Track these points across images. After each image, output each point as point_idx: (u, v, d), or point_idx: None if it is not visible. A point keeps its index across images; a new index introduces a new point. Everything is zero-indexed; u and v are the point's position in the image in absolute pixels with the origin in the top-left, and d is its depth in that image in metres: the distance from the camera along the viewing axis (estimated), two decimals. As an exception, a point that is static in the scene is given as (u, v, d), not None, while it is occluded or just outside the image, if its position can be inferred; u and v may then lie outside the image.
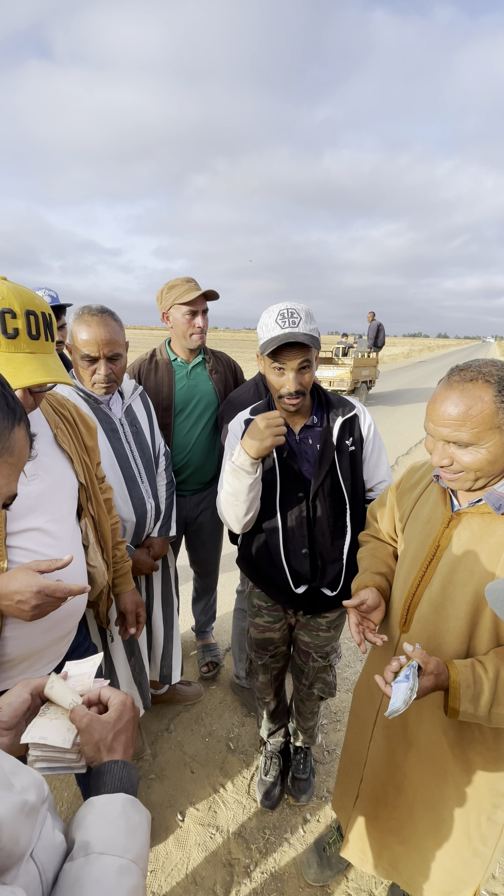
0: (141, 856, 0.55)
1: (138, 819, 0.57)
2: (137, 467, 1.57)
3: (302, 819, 1.70)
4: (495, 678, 0.89)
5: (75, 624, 1.12)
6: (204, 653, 2.41)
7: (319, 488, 1.38)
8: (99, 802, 0.57)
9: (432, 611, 1.02)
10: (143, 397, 1.69)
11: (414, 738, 1.12)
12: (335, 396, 1.47)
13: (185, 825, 1.66)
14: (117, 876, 0.50)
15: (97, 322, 1.37)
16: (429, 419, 0.94)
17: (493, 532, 0.95)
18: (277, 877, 1.51)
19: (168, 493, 1.76)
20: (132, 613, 1.43)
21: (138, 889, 0.52)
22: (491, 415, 0.86)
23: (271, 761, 1.81)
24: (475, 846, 1.10)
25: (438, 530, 1.04)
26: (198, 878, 1.51)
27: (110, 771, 0.60)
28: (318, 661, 1.59)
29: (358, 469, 1.42)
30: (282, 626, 1.60)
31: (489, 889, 1.49)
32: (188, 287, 1.81)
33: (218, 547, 2.31)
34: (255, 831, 1.65)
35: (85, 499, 1.16)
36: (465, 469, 0.91)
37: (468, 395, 0.87)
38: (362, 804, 1.29)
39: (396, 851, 1.23)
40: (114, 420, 1.52)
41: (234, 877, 1.51)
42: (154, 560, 1.69)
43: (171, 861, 1.55)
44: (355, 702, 1.31)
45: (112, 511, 1.38)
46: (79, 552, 1.12)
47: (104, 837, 0.53)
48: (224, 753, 1.94)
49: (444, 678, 0.91)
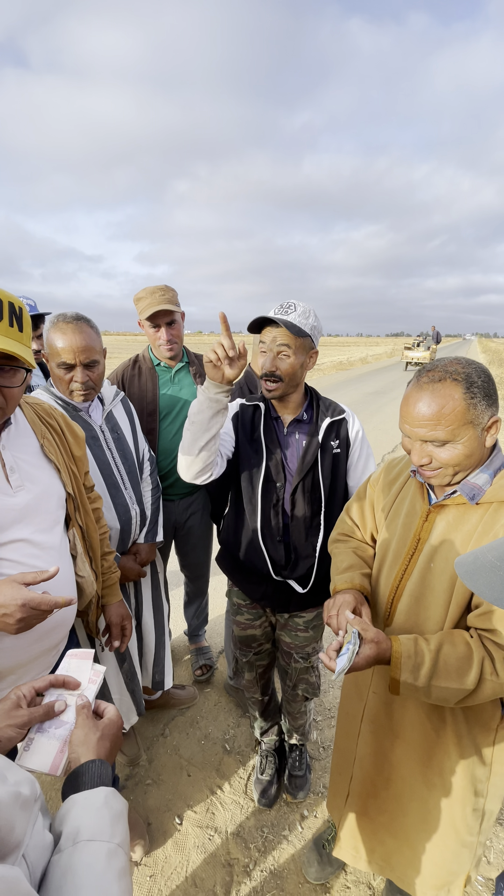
0: (125, 840, 0.57)
1: (120, 807, 0.60)
2: (120, 474, 1.57)
3: (300, 816, 1.72)
4: (436, 651, 0.93)
5: (65, 635, 1.12)
6: (197, 656, 2.41)
7: (300, 483, 1.42)
8: (81, 797, 0.59)
9: (413, 602, 1.05)
10: (124, 403, 1.69)
11: (399, 728, 1.15)
12: (327, 400, 1.51)
13: (183, 828, 1.66)
14: (107, 859, 0.52)
15: (72, 329, 1.37)
16: (403, 421, 0.97)
17: (467, 521, 0.99)
18: (277, 874, 1.53)
19: (154, 498, 1.76)
20: (117, 626, 1.43)
21: (126, 871, 0.54)
22: (462, 411, 0.89)
23: (267, 760, 1.83)
24: (462, 837, 1.13)
25: (418, 524, 1.07)
26: (197, 879, 1.51)
27: (88, 770, 0.63)
28: (300, 662, 1.61)
29: (339, 471, 1.46)
30: (262, 624, 1.63)
31: (484, 874, 1.52)
32: (149, 301, 1.82)
33: (208, 550, 2.32)
34: (253, 830, 1.66)
35: (73, 509, 1.16)
36: (444, 465, 0.94)
37: (439, 395, 0.90)
38: (353, 801, 1.30)
39: (389, 846, 1.25)
40: (94, 427, 1.52)
41: (234, 877, 1.52)
42: (141, 566, 1.69)
43: (171, 864, 1.55)
44: (343, 700, 1.33)
45: (100, 521, 1.39)
46: (67, 562, 1.12)
47: (90, 826, 0.55)
48: (220, 755, 1.95)
49: (385, 647, 0.94)
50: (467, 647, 0.93)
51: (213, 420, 1.26)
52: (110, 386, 1.66)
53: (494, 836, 1.63)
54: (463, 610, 0.99)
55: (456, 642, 0.94)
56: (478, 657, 0.91)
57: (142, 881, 1.50)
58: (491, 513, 0.95)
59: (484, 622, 0.94)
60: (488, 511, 0.96)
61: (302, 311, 1.33)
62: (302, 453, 1.43)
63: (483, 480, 0.96)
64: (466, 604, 0.98)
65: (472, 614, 0.97)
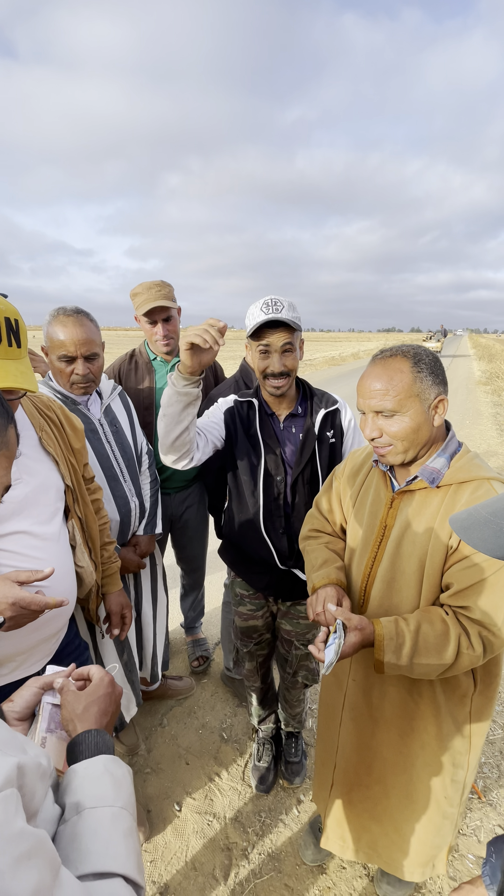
0: (129, 802, 0.59)
1: (121, 772, 0.61)
2: (119, 467, 1.59)
3: (296, 800, 1.76)
4: (416, 631, 0.98)
5: (64, 623, 1.14)
6: (194, 648, 2.44)
7: (300, 475, 1.45)
8: (80, 767, 0.60)
9: (385, 587, 1.09)
10: (122, 397, 1.70)
11: (379, 714, 1.19)
12: (319, 391, 1.54)
13: (182, 815, 1.70)
14: (111, 822, 0.54)
15: (73, 322, 1.38)
16: (359, 396, 1.04)
17: (429, 504, 1.04)
18: (275, 857, 1.56)
19: (153, 491, 1.78)
20: (117, 615, 1.45)
21: (132, 830, 0.56)
22: (409, 383, 0.97)
23: (264, 747, 1.86)
24: (444, 809, 1.18)
25: (383, 511, 1.12)
26: (197, 864, 1.54)
27: (84, 740, 0.63)
28: (301, 649, 1.65)
29: (336, 460, 1.50)
30: (264, 614, 1.66)
31: (475, 853, 1.57)
32: (146, 297, 1.83)
33: (204, 543, 2.34)
34: (251, 815, 1.70)
35: (72, 500, 1.17)
36: (393, 439, 1.00)
37: (389, 368, 0.99)
38: (337, 791, 1.34)
39: (374, 832, 1.29)
40: (93, 420, 1.54)
41: (233, 860, 1.55)
42: (140, 558, 1.71)
43: (171, 850, 1.58)
44: (324, 691, 1.36)
45: (101, 511, 1.40)
46: (66, 553, 1.14)
47: (92, 794, 0.56)
48: (218, 744, 1.98)
49: (369, 632, 1.00)
50: (444, 624, 0.98)
51: (184, 413, 1.25)
52: (108, 380, 1.67)
53: (484, 816, 1.69)
54: (435, 590, 1.03)
55: (433, 620, 0.99)
56: (454, 633, 0.96)
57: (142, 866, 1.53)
58: (451, 494, 1.01)
59: (457, 600, 0.99)
60: (448, 493, 1.02)
61: (289, 305, 1.36)
62: (300, 446, 1.46)
63: (441, 464, 1.03)
64: (438, 583, 1.03)
65: (444, 595, 1.01)
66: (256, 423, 1.47)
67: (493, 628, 0.96)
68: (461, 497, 0.99)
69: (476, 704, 1.12)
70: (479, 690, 1.11)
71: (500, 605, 0.95)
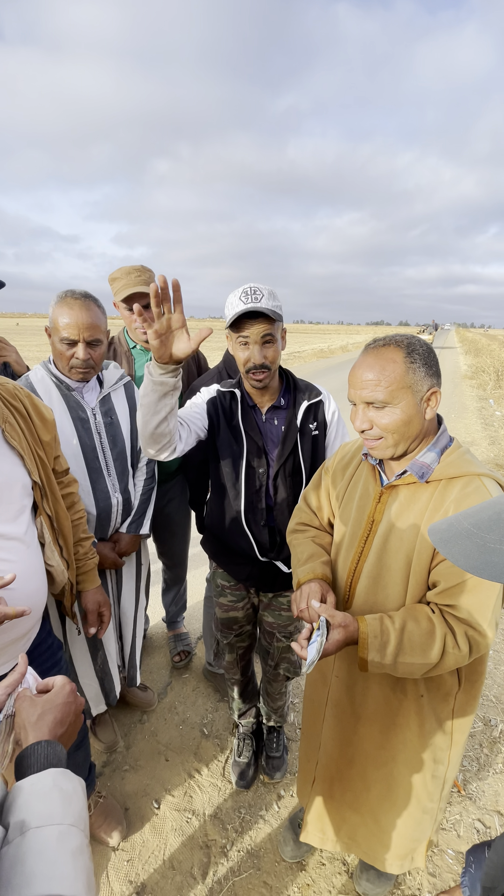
0: (80, 818, 0.55)
1: (72, 786, 0.57)
2: (105, 459, 1.53)
3: (276, 796, 1.74)
4: (401, 629, 0.95)
5: (35, 622, 1.09)
6: (175, 642, 2.40)
7: (281, 468, 1.42)
8: (27, 784, 0.56)
9: (371, 582, 1.07)
10: (128, 389, 1.63)
11: (361, 710, 1.17)
12: (303, 382, 1.51)
13: (160, 812, 1.67)
14: (58, 842, 0.50)
15: (80, 306, 1.35)
16: (350, 386, 1.00)
17: (418, 499, 1.01)
18: (254, 853, 1.55)
19: (146, 489, 1.70)
20: (94, 613, 1.40)
21: (82, 848, 0.52)
22: (402, 374, 0.94)
23: (244, 742, 1.85)
24: (424, 803, 1.18)
25: (371, 506, 1.09)
26: (175, 862, 1.52)
27: (34, 752, 0.60)
28: (283, 641, 1.63)
29: (319, 453, 1.47)
30: (245, 606, 1.64)
31: (454, 848, 1.58)
32: (125, 282, 1.76)
33: (186, 538, 2.30)
34: (230, 812, 1.68)
35: (40, 496, 1.11)
36: (384, 431, 0.97)
37: (381, 358, 0.96)
38: (319, 785, 1.33)
39: (353, 823, 1.28)
40: (85, 408, 1.48)
41: (211, 858, 1.53)
42: (120, 556, 1.64)
43: (148, 848, 1.56)
44: (308, 687, 1.34)
45: (76, 506, 1.34)
46: (35, 552, 1.08)
47: (39, 812, 0.52)
48: (198, 739, 1.96)
49: (353, 630, 0.97)
50: (430, 622, 0.96)
51: (161, 403, 1.18)
52: (117, 370, 1.61)
53: (464, 811, 1.69)
54: (422, 587, 1.01)
55: (419, 619, 0.96)
56: (440, 632, 0.94)
57: (119, 865, 1.50)
58: (440, 490, 0.98)
59: (444, 598, 0.96)
60: (437, 488, 0.99)
61: (268, 294, 1.29)
62: (282, 439, 1.43)
63: (431, 459, 1.00)
64: (425, 581, 1.01)
65: (431, 592, 0.99)
66: (239, 415, 1.44)
67: (479, 628, 0.93)
68: (451, 493, 0.97)
69: (459, 702, 1.11)
70: (463, 689, 1.10)
71: (487, 604, 0.93)
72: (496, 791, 1.76)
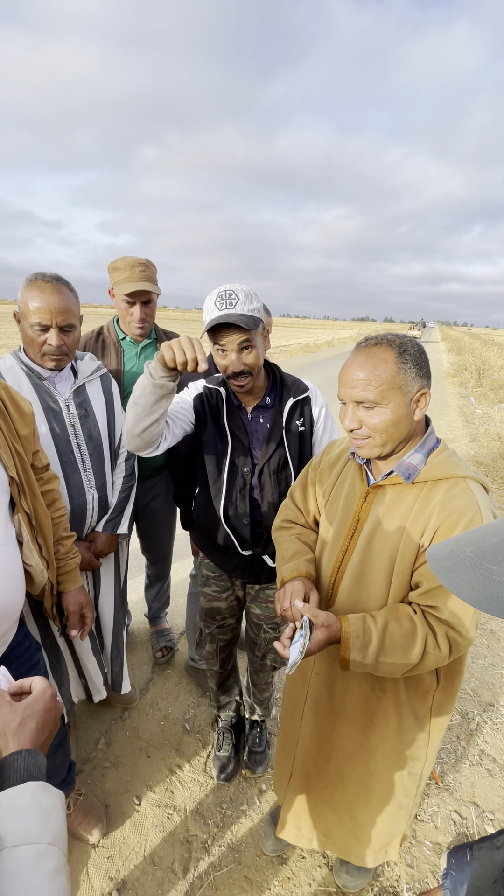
0: (58, 836, 0.53)
1: (51, 802, 0.55)
2: (80, 454, 1.48)
3: (258, 790, 1.75)
4: (383, 629, 0.96)
5: (12, 625, 1.06)
6: (158, 638, 2.39)
7: (266, 464, 1.42)
8: (4, 798, 0.54)
9: (354, 581, 1.07)
10: (104, 381, 1.57)
11: (340, 707, 1.18)
12: (290, 378, 1.49)
13: (141, 809, 1.66)
14: (34, 863, 0.49)
15: (51, 289, 1.29)
16: (340, 385, 1.00)
17: (403, 500, 1.01)
18: (235, 848, 1.56)
19: (125, 486, 1.64)
20: (76, 614, 1.36)
21: (60, 869, 0.51)
22: (393, 374, 0.94)
23: (224, 736, 1.85)
24: (399, 800, 1.20)
25: (357, 505, 1.09)
26: (156, 858, 1.52)
27: (13, 763, 0.58)
28: (270, 633, 1.64)
29: (305, 449, 1.47)
30: (228, 597, 1.64)
31: (431, 839, 1.61)
32: (128, 276, 1.71)
33: (171, 533, 2.28)
34: (212, 807, 1.68)
35: (17, 493, 1.07)
36: (373, 431, 0.97)
37: (373, 357, 0.95)
38: (296, 782, 1.34)
39: (329, 820, 1.30)
40: (57, 399, 1.43)
41: (192, 853, 1.54)
42: (96, 556, 1.59)
43: (129, 845, 1.55)
44: (288, 683, 1.35)
45: (56, 503, 1.31)
46: (12, 551, 1.05)
47: (16, 830, 0.50)
48: (180, 735, 1.96)
49: (335, 630, 0.97)
50: (412, 623, 0.96)
51: (157, 405, 1.18)
52: (93, 361, 1.55)
53: (441, 802, 1.73)
54: (404, 587, 1.02)
55: (401, 619, 0.97)
56: (421, 633, 0.95)
57: (99, 863, 1.50)
58: (426, 491, 0.99)
59: (427, 599, 0.97)
60: (423, 490, 0.99)
61: (245, 296, 1.23)
62: (266, 437, 1.42)
63: (418, 460, 1.00)
64: (408, 581, 1.01)
65: (414, 593, 1.00)
66: (224, 415, 1.42)
67: (460, 629, 0.95)
68: (436, 494, 0.97)
69: (437, 700, 1.12)
70: (441, 687, 1.11)
71: (468, 606, 0.94)
72: (472, 782, 1.80)
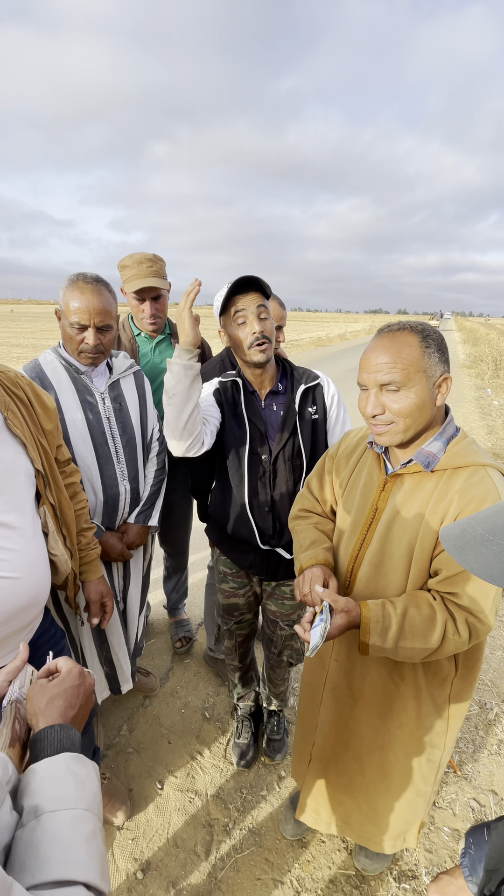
0: (93, 803, 0.55)
1: (85, 771, 0.58)
2: (114, 446, 1.52)
3: (277, 777, 1.78)
4: (402, 615, 0.97)
5: (37, 613, 1.09)
6: (177, 629, 2.43)
7: (280, 452, 1.44)
8: (40, 767, 0.56)
9: (372, 569, 1.08)
10: (137, 377, 1.63)
11: (359, 693, 1.19)
12: (300, 367, 1.53)
13: (164, 793, 1.71)
14: (72, 826, 0.51)
15: (91, 290, 1.35)
16: (362, 370, 1.00)
17: (422, 488, 1.02)
18: (255, 832, 1.59)
19: (156, 479, 1.69)
20: (97, 603, 1.40)
21: (96, 832, 0.53)
22: (418, 357, 0.95)
23: (243, 724, 1.88)
24: (418, 787, 1.21)
25: (375, 494, 1.10)
26: (179, 840, 1.56)
27: (47, 736, 0.60)
28: (286, 630, 1.65)
29: (319, 437, 1.49)
30: (246, 593, 1.66)
31: (450, 825, 1.62)
32: (136, 273, 1.75)
33: (188, 526, 2.32)
34: (232, 792, 1.72)
35: (43, 486, 1.11)
36: (396, 416, 0.97)
37: (397, 341, 0.96)
38: (315, 767, 1.36)
39: (348, 806, 1.31)
40: (94, 392, 1.48)
41: (214, 836, 1.57)
42: (128, 548, 1.63)
43: (152, 827, 1.60)
44: (306, 670, 1.36)
45: (78, 496, 1.34)
46: (38, 542, 1.08)
47: (53, 796, 0.53)
48: (200, 722, 2.00)
49: (355, 615, 0.99)
50: (431, 609, 0.97)
51: (192, 388, 1.25)
52: (126, 359, 1.61)
53: (459, 790, 1.74)
54: (423, 575, 1.03)
55: (420, 605, 0.98)
56: (441, 618, 0.96)
57: (124, 844, 1.54)
58: (445, 479, 0.99)
59: (446, 586, 0.98)
60: (443, 478, 1.00)
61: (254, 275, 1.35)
62: (280, 424, 1.45)
63: (437, 448, 1.00)
64: (427, 568, 1.02)
65: (433, 580, 1.00)
66: (242, 403, 1.45)
67: (479, 615, 0.95)
68: (455, 483, 0.97)
69: (456, 688, 1.13)
70: (460, 674, 1.12)
71: (488, 592, 0.94)
72: (491, 771, 1.81)
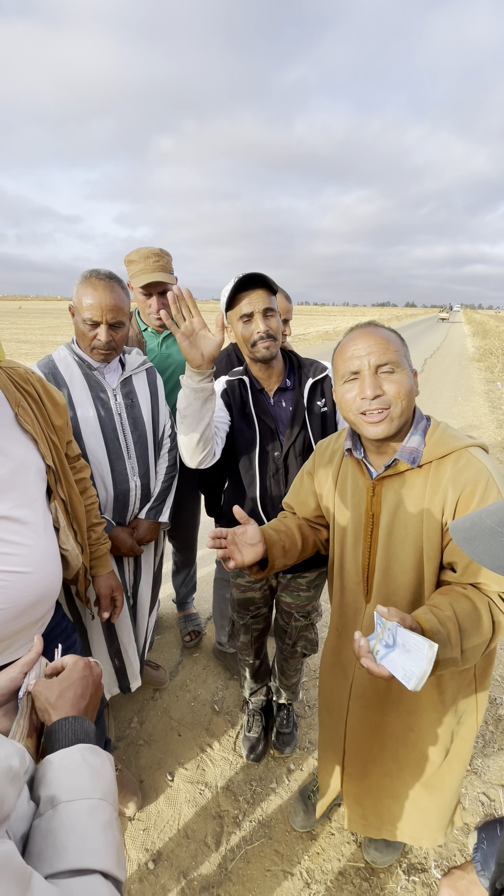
0: (109, 793, 0.56)
1: (100, 762, 0.58)
2: (125, 441, 1.53)
3: (286, 769, 1.79)
4: (453, 614, 0.92)
5: (49, 608, 1.10)
6: (186, 623, 2.45)
7: (291, 447, 1.44)
8: (56, 758, 0.57)
9: (382, 575, 1.07)
10: (150, 374, 1.63)
11: (386, 697, 1.18)
12: (307, 360, 1.52)
13: (174, 784, 1.72)
14: (88, 815, 0.51)
15: (104, 287, 1.35)
16: (352, 357, 0.99)
17: (413, 484, 1.01)
18: (265, 824, 1.60)
19: (167, 476, 1.69)
20: (107, 598, 1.41)
21: (112, 822, 0.53)
22: (400, 344, 1.00)
23: (254, 718, 1.89)
24: (455, 769, 1.20)
25: (366, 500, 1.08)
26: (189, 831, 1.58)
27: (61, 728, 0.61)
28: (301, 621, 1.66)
29: (328, 430, 1.48)
30: (262, 587, 1.66)
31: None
32: (143, 267, 1.75)
33: (196, 521, 2.33)
34: (242, 784, 1.73)
35: (54, 481, 1.12)
36: (394, 398, 0.96)
37: (379, 331, 1.00)
38: (352, 775, 1.32)
39: (394, 811, 1.28)
40: (105, 388, 1.49)
41: (224, 827, 1.59)
42: (139, 543, 1.63)
43: (163, 818, 1.61)
44: (324, 677, 1.34)
45: (88, 491, 1.35)
46: (50, 537, 1.09)
47: (69, 787, 0.53)
48: (209, 716, 2.01)
49: None
50: (468, 599, 0.94)
51: (205, 408, 1.25)
52: (139, 355, 1.61)
53: (469, 784, 1.74)
54: (437, 569, 1.02)
55: (458, 599, 0.94)
56: (482, 604, 0.93)
57: (135, 835, 1.56)
58: (433, 471, 0.99)
59: (469, 578, 0.97)
60: (430, 470, 0.99)
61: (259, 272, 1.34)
62: (290, 419, 1.44)
63: (417, 442, 1.00)
64: (439, 562, 1.01)
65: (453, 576, 0.99)
66: (250, 401, 1.44)
67: None
68: (444, 472, 0.97)
69: (480, 666, 1.12)
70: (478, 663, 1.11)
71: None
72: (500, 766, 1.80)
